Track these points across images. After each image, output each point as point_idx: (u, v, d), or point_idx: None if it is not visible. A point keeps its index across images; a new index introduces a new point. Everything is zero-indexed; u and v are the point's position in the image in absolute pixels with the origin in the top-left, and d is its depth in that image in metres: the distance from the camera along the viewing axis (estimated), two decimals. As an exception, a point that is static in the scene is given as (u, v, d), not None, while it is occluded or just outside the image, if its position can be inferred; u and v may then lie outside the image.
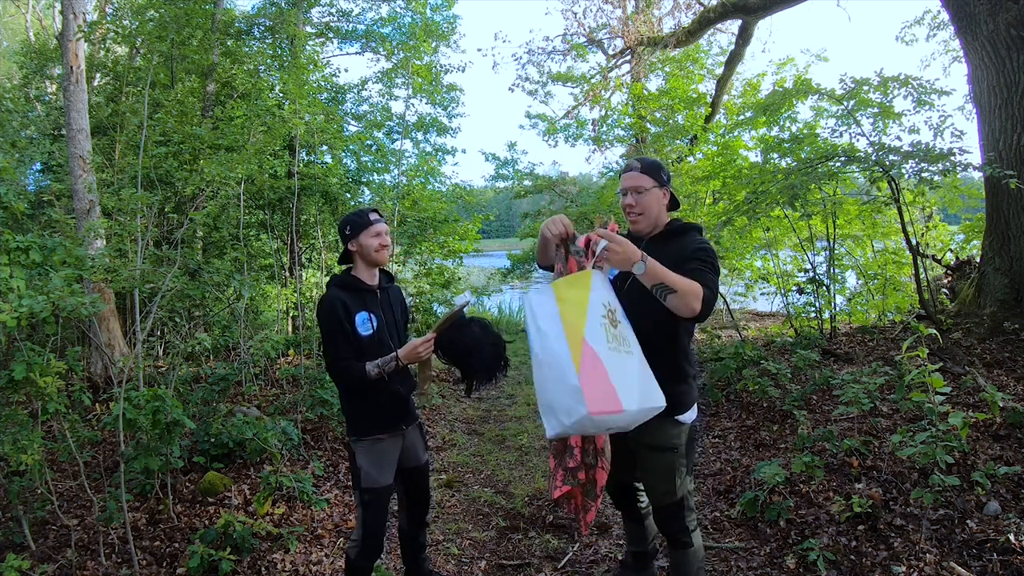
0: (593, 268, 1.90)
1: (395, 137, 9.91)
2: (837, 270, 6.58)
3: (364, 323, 2.30)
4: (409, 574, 2.64)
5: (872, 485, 3.00)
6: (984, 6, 5.01)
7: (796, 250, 7.26)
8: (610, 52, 13.80)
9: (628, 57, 13.32)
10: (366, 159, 9.27)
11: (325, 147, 8.37)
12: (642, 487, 2.39)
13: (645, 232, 2.18)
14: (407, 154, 9.97)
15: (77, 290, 2.71)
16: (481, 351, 2.35)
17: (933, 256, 6.30)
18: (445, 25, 10.34)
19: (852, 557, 2.57)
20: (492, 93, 26.42)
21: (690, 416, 2.15)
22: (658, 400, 1.83)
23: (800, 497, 3.10)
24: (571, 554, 2.99)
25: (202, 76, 8.39)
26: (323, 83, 9.82)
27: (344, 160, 9.01)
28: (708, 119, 10.31)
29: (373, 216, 2.36)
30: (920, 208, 6.84)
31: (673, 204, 2.22)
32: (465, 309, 2.40)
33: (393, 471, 2.38)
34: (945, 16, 8.59)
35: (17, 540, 2.92)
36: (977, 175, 5.73)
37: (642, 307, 1.97)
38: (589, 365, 1.71)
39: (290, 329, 7.36)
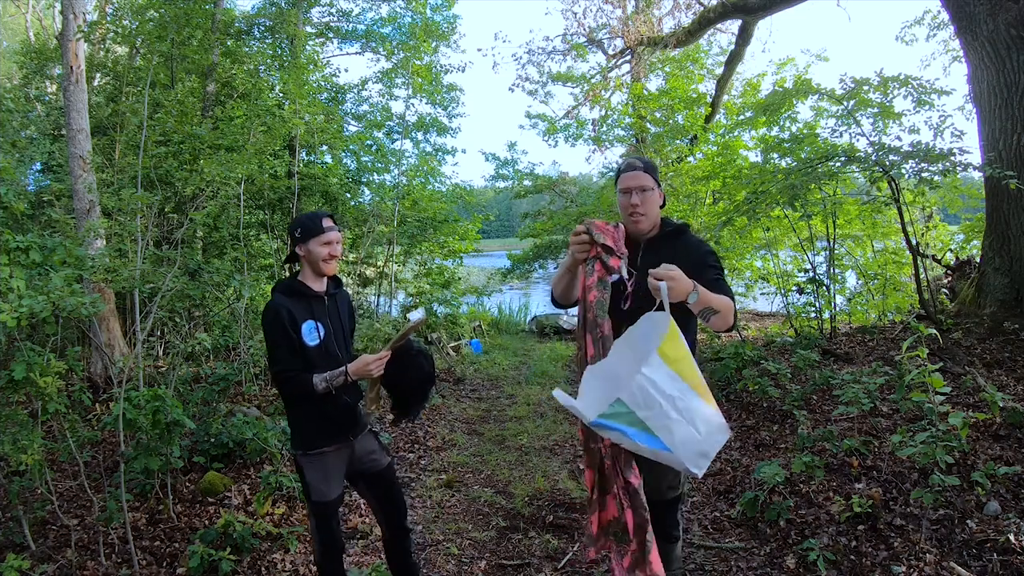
0: (658, 310, 1.87)
1: (395, 137, 9.91)
2: (837, 270, 6.58)
3: (311, 332, 2.21)
4: None
5: (872, 485, 3.00)
6: (984, 6, 5.01)
7: (796, 250, 7.26)
8: (610, 52, 13.82)
9: (628, 57, 13.33)
10: (366, 159, 9.28)
11: (325, 147, 8.39)
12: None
13: (645, 232, 2.15)
14: (407, 154, 9.99)
15: (77, 290, 2.71)
16: (425, 389, 2.35)
17: (933, 256, 6.30)
18: (445, 25, 10.35)
19: (852, 557, 2.57)
20: (492, 93, 26.46)
21: None
22: None
23: (800, 497, 3.10)
24: (571, 554, 2.99)
25: (202, 76, 8.39)
26: (323, 83, 9.83)
27: (344, 160, 9.03)
28: (708, 119, 10.32)
29: (326, 223, 2.24)
30: (920, 208, 6.84)
31: (663, 203, 2.25)
32: (416, 324, 2.36)
33: (341, 483, 2.35)
34: (945, 16, 8.59)
35: (17, 540, 2.92)
36: (977, 175, 5.73)
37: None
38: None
39: (290, 329, 7.35)
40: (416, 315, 2.33)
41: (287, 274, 2.43)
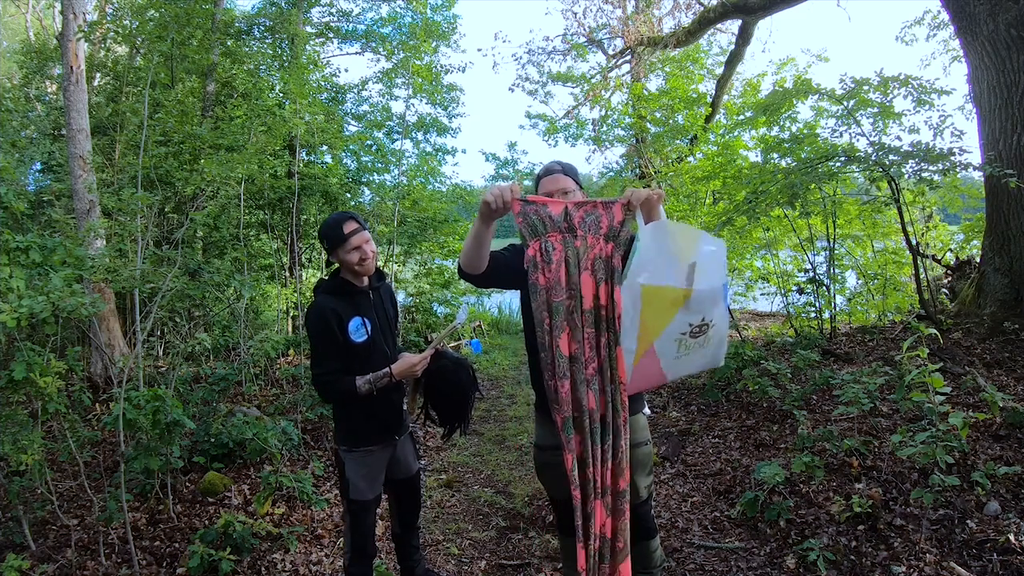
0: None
1: (395, 137, 9.90)
2: (837, 270, 6.58)
3: (358, 329, 2.19)
4: (405, 574, 2.64)
5: (872, 485, 3.00)
6: (984, 6, 5.01)
7: (796, 250, 7.26)
8: (610, 52, 13.82)
9: (628, 57, 13.33)
10: (366, 159, 9.28)
11: (325, 147, 8.38)
12: None
13: None
14: (407, 154, 9.98)
15: (77, 290, 2.71)
16: (464, 404, 2.34)
17: (933, 256, 6.30)
18: (445, 25, 10.34)
19: (852, 557, 2.57)
20: (492, 93, 26.53)
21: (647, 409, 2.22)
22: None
23: (800, 497, 3.10)
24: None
25: (202, 76, 8.39)
26: (323, 83, 9.82)
27: (344, 160, 9.03)
28: (708, 119, 10.32)
29: (348, 228, 2.16)
30: (920, 208, 6.84)
31: None
32: (460, 325, 2.37)
33: (381, 483, 2.33)
34: (945, 16, 8.58)
35: (17, 540, 2.92)
36: (977, 175, 5.73)
37: None
38: (645, 362, 1.82)
39: (290, 329, 7.36)
40: (462, 315, 2.33)
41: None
